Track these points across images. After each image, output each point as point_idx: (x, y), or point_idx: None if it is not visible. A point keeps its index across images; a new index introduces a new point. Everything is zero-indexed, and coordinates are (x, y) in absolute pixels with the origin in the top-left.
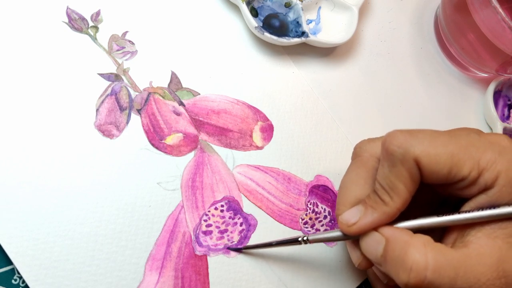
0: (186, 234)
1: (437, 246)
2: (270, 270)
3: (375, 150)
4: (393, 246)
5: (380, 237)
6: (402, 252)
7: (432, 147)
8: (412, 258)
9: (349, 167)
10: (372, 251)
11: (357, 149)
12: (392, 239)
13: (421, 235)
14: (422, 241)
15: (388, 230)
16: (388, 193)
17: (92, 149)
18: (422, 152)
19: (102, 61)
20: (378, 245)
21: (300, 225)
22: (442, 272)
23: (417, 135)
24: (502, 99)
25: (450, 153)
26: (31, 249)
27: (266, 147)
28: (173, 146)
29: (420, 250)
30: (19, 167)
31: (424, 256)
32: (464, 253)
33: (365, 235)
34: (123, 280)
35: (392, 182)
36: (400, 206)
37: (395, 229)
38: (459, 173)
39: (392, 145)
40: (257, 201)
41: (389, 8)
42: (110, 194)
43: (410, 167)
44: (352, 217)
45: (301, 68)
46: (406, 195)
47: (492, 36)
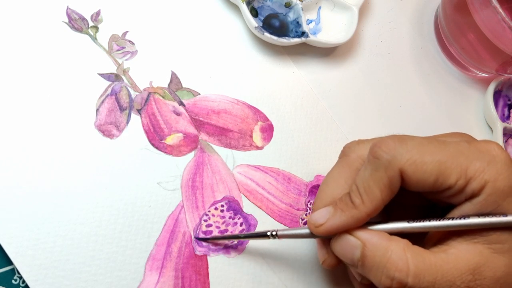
0: (186, 234)
1: (416, 251)
2: (270, 270)
3: (363, 152)
4: (373, 252)
5: (355, 241)
6: (383, 258)
7: (419, 155)
8: (395, 265)
9: (334, 165)
10: (347, 254)
11: (346, 148)
12: (370, 244)
13: (399, 239)
14: (401, 246)
15: (364, 234)
16: (361, 196)
17: (92, 149)
18: (408, 161)
19: (102, 61)
20: (354, 249)
21: (300, 225)
22: (422, 277)
23: (407, 142)
24: (502, 99)
25: (438, 162)
26: (31, 249)
27: (266, 147)
28: (173, 146)
29: (401, 256)
30: (19, 167)
31: (405, 262)
32: (442, 258)
33: (339, 238)
34: (123, 280)
35: (369, 186)
36: (370, 212)
37: (371, 232)
38: (446, 182)
39: (380, 150)
40: (257, 201)
41: (389, 8)
42: (110, 194)
43: (392, 175)
44: (320, 218)
45: (301, 68)
46: (379, 202)
47: (492, 36)
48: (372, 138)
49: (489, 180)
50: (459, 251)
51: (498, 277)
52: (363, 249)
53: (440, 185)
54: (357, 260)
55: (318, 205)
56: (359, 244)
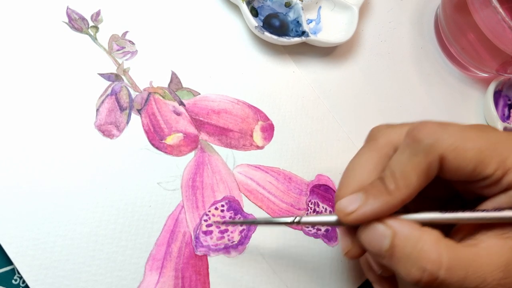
0: (186, 234)
1: (449, 244)
2: (271, 270)
3: (394, 137)
4: (403, 242)
5: (385, 229)
6: (414, 249)
7: (461, 141)
8: (427, 256)
9: (360, 149)
10: (375, 244)
11: (374, 132)
12: (401, 234)
13: (431, 230)
14: (434, 238)
15: (395, 223)
16: (397, 182)
17: (92, 149)
18: (450, 146)
19: (102, 61)
20: (383, 238)
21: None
22: (454, 271)
23: (448, 127)
24: (502, 99)
25: (478, 149)
26: (31, 249)
27: (266, 146)
28: (173, 146)
29: (434, 248)
30: (19, 167)
31: (439, 255)
32: (474, 252)
33: (367, 226)
34: (123, 280)
35: (406, 171)
36: (405, 198)
37: (402, 221)
38: (484, 171)
39: (421, 133)
40: (258, 201)
41: (389, 8)
42: (110, 194)
43: (432, 160)
44: (351, 205)
45: (301, 67)
46: (414, 189)
47: (492, 36)
48: (401, 123)
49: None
50: (490, 246)
51: None
52: (393, 239)
53: (477, 174)
54: (385, 250)
55: (344, 192)
56: (389, 233)
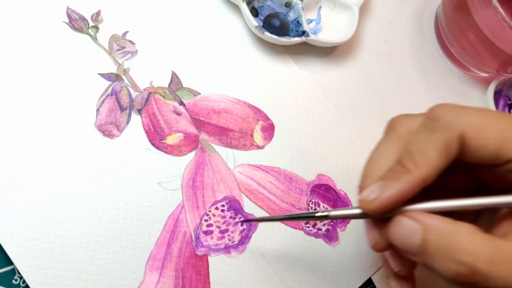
0: (186, 234)
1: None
2: (271, 270)
3: (414, 126)
4: (436, 236)
5: (415, 225)
6: (449, 242)
7: (482, 120)
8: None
9: (381, 140)
10: (406, 240)
11: (393, 122)
12: (433, 227)
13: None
14: (469, 230)
15: (425, 217)
16: (415, 160)
17: (92, 149)
18: (470, 124)
19: (102, 61)
20: (414, 233)
21: (302, 224)
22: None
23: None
24: (502, 99)
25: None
26: (31, 249)
27: (267, 146)
28: (173, 146)
29: (470, 240)
30: (20, 167)
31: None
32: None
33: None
34: (124, 280)
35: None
36: (425, 176)
37: (432, 216)
38: (508, 153)
39: (439, 111)
40: (258, 200)
41: (389, 8)
42: (111, 194)
43: (451, 137)
44: (372, 193)
45: (302, 67)
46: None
47: (493, 35)
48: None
49: None
50: None
51: None
52: (425, 233)
53: (500, 156)
54: (417, 246)
55: (367, 181)
56: (419, 228)
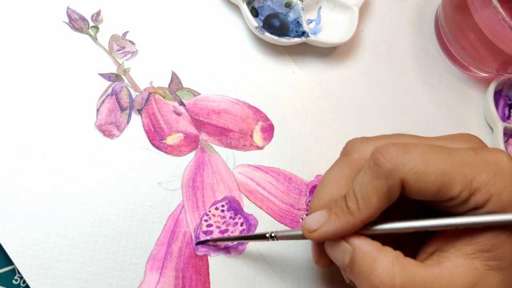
0: (186, 234)
1: (406, 265)
2: (271, 270)
3: (366, 153)
4: (361, 260)
5: (346, 246)
6: (369, 269)
7: (422, 165)
8: (380, 277)
9: (334, 163)
10: (338, 258)
11: (348, 147)
12: (359, 251)
13: (390, 250)
14: (390, 259)
15: (356, 241)
16: (357, 202)
17: (92, 149)
18: (411, 171)
19: (102, 61)
20: (344, 254)
21: (301, 225)
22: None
23: (410, 150)
24: (502, 99)
25: (441, 172)
26: (31, 249)
27: (266, 147)
28: (173, 146)
29: (388, 269)
30: (20, 167)
31: (391, 277)
32: (434, 273)
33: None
34: (124, 280)
35: (367, 192)
36: (365, 219)
37: (363, 240)
38: (449, 193)
39: (382, 157)
40: (258, 201)
41: (389, 8)
42: (111, 194)
43: (393, 184)
44: (314, 223)
45: (301, 68)
46: (375, 210)
47: (493, 36)
48: (376, 136)
49: (495, 193)
50: (455, 266)
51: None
52: (352, 256)
53: (442, 195)
54: (346, 265)
55: (316, 205)
56: (349, 250)
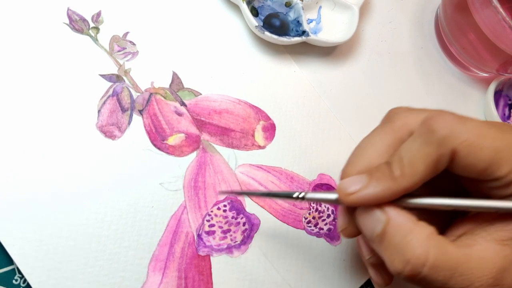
0: (189, 235)
1: (440, 242)
2: (273, 269)
3: (411, 121)
4: (394, 231)
5: (381, 215)
6: (403, 241)
7: (478, 138)
8: (413, 251)
9: (374, 129)
10: (369, 227)
11: (392, 114)
12: (394, 223)
13: (425, 225)
14: (426, 233)
15: (391, 211)
16: (402, 168)
17: (94, 150)
18: (465, 142)
19: (103, 62)
20: (377, 223)
21: (304, 224)
22: (439, 270)
23: (466, 122)
24: (502, 99)
25: (495, 149)
26: (34, 250)
27: (268, 146)
28: (175, 146)
29: (423, 243)
30: (21, 168)
31: (425, 251)
32: (465, 254)
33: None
34: (126, 281)
35: (415, 159)
36: (408, 187)
37: (399, 211)
38: (496, 172)
39: (437, 124)
40: (260, 200)
41: (389, 7)
42: (113, 195)
43: (443, 153)
44: (353, 186)
45: (302, 67)
46: (420, 179)
47: (493, 35)
48: (422, 108)
49: None
50: (485, 250)
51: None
52: (386, 227)
53: (488, 174)
54: (376, 235)
55: (351, 170)
56: (383, 219)
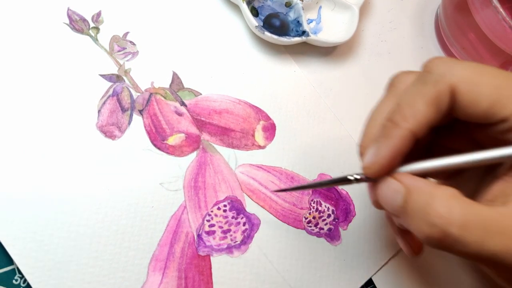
0: (189, 235)
1: (465, 200)
2: (274, 269)
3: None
4: (415, 197)
5: (399, 186)
6: (425, 204)
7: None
8: (436, 210)
9: (381, 98)
10: (390, 200)
11: (394, 79)
12: (414, 189)
13: (447, 187)
14: (448, 193)
15: (408, 179)
16: (403, 112)
17: (94, 150)
18: (463, 78)
19: (103, 62)
20: (396, 194)
21: (304, 224)
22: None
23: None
24: None
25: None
26: (34, 250)
27: (268, 146)
28: (175, 146)
29: (446, 202)
30: (22, 168)
31: (449, 209)
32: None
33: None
34: (127, 281)
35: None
36: (413, 128)
37: (417, 178)
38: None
39: (433, 63)
40: (260, 200)
41: (389, 7)
42: (113, 195)
43: (441, 90)
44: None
45: (302, 67)
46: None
47: (493, 35)
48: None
49: None
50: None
51: None
52: (406, 195)
53: (493, 114)
54: (398, 207)
55: (365, 142)
56: (402, 189)
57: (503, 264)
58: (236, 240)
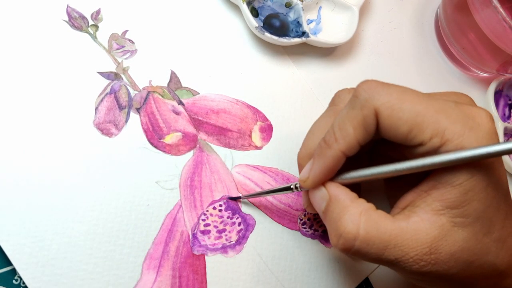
0: (184, 234)
1: (373, 216)
2: (268, 270)
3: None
4: (333, 207)
5: (325, 194)
6: (338, 216)
7: (398, 101)
8: (344, 225)
9: (322, 114)
10: (317, 205)
11: (335, 97)
12: (334, 200)
13: (363, 202)
14: (360, 210)
15: (333, 189)
16: (335, 134)
17: (90, 148)
18: (385, 103)
19: (101, 59)
20: (322, 201)
21: (299, 225)
22: (371, 243)
23: (390, 87)
24: (503, 99)
25: (415, 112)
26: (28, 246)
27: (265, 147)
28: (172, 145)
29: (355, 219)
30: (17, 165)
31: (356, 226)
32: (400, 227)
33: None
34: (121, 279)
35: (343, 123)
36: (344, 149)
37: (341, 189)
38: (419, 136)
39: (360, 88)
40: (256, 201)
41: (389, 8)
42: (108, 193)
43: (367, 114)
44: (305, 172)
45: (301, 68)
46: (352, 140)
47: (493, 35)
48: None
49: (466, 147)
50: (421, 221)
51: (454, 251)
52: (328, 204)
53: (412, 138)
54: (321, 212)
55: (303, 154)
56: (326, 197)
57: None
58: (231, 240)
